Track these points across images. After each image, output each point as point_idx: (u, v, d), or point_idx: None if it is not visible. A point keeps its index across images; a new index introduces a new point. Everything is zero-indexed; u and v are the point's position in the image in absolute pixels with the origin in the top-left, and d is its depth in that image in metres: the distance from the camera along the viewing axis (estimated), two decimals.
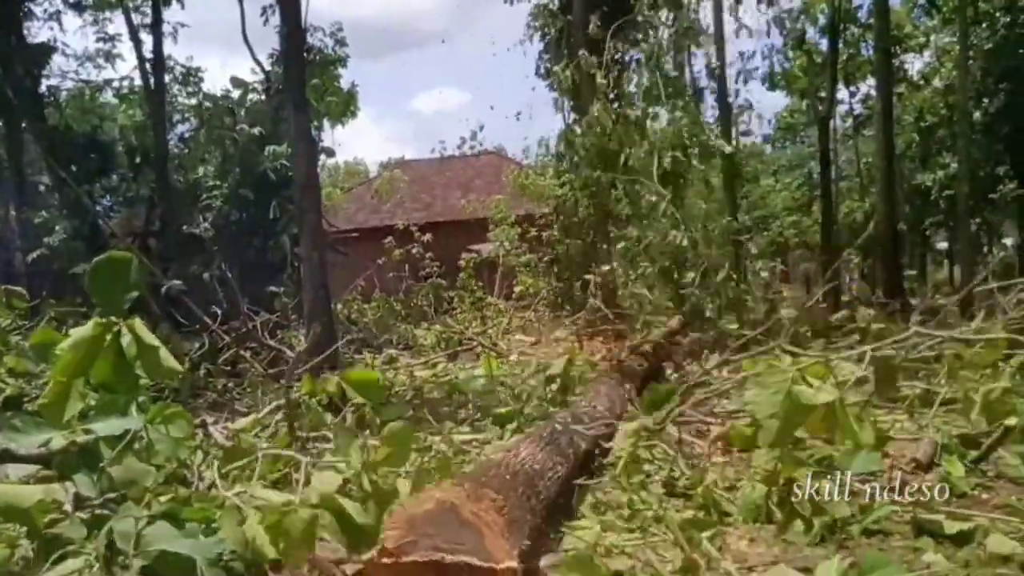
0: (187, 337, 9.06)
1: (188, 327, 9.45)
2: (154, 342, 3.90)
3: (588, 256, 14.41)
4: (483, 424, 6.06)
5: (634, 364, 7.97)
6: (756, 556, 3.50)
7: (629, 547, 3.59)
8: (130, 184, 14.13)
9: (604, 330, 11.77)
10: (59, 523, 3.50)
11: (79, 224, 9.68)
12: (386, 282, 16.28)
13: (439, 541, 2.81)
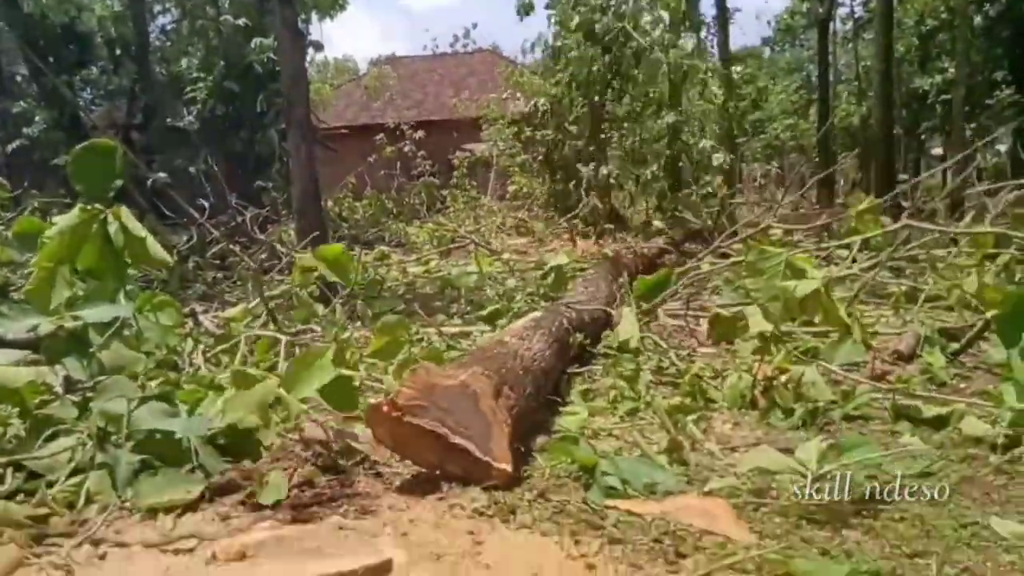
0: (175, 230, 9.01)
1: (175, 220, 9.37)
2: (141, 231, 3.85)
3: (582, 156, 14.28)
4: (474, 318, 6.08)
5: (628, 260, 8.00)
6: (739, 438, 3.57)
7: (616, 430, 3.65)
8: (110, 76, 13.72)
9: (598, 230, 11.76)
10: (50, 404, 3.52)
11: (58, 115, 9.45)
12: (377, 180, 16.11)
13: (449, 419, 2.86)
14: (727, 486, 2.90)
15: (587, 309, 4.91)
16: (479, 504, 2.69)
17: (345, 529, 2.44)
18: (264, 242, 9.13)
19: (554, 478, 3.00)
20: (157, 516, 2.75)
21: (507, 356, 3.43)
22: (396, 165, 16.06)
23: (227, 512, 2.77)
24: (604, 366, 4.62)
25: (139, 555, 2.47)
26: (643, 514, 2.65)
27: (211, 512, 2.79)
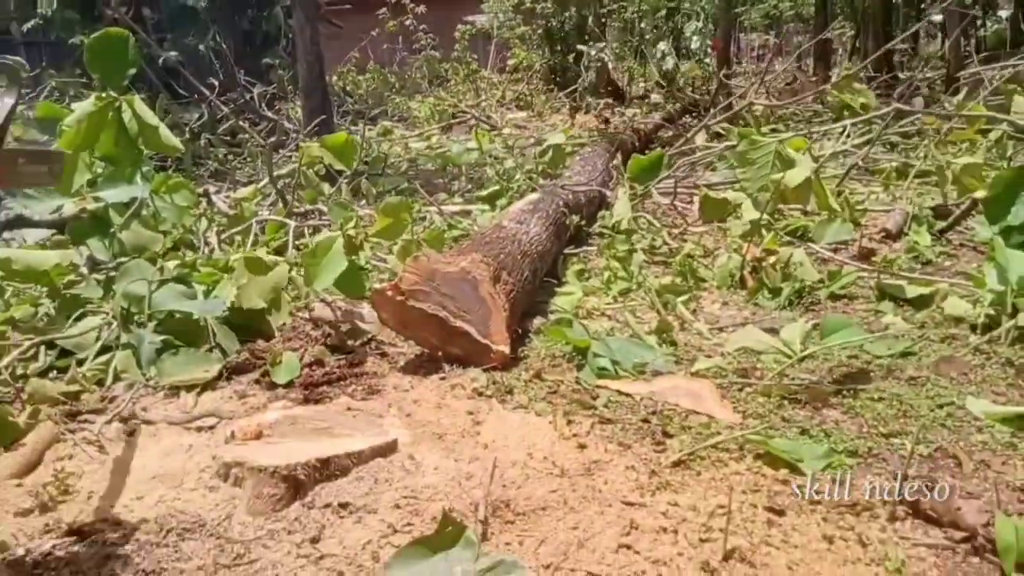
0: (186, 108, 8.79)
1: (186, 98, 9.13)
2: (153, 120, 3.79)
3: (582, 29, 13.75)
4: (474, 197, 6.01)
5: (624, 136, 7.83)
6: (727, 318, 3.59)
7: (609, 310, 3.67)
8: None
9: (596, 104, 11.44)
10: (76, 285, 3.54)
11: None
12: (380, 54, 15.57)
13: (450, 304, 2.87)
14: (713, 366, 2.94)
15: (583, 190, 4.84)
16: (478, 384, 2.74)
17: (353, 409, 2.48)
18: (272, 119, 8.92)
19: (549, 358, 3.04)
20: (179, 394, 2.82)
21: (505, 241, 3.40)
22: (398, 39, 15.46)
23: (244, 391, 2.83)
24: (599, 246, 4.59)
25: (164, 432, 2.54)
26: (632, 394, 2.70)
27: (229, 390, 2.86)
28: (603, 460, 2.20)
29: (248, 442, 2.25)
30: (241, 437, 2.30)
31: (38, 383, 2.83)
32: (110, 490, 2.18)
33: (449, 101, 12.11)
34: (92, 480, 2.25)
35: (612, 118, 10.31)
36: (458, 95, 13.63)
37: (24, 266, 3.19)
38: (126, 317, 3.12)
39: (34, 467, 2.35)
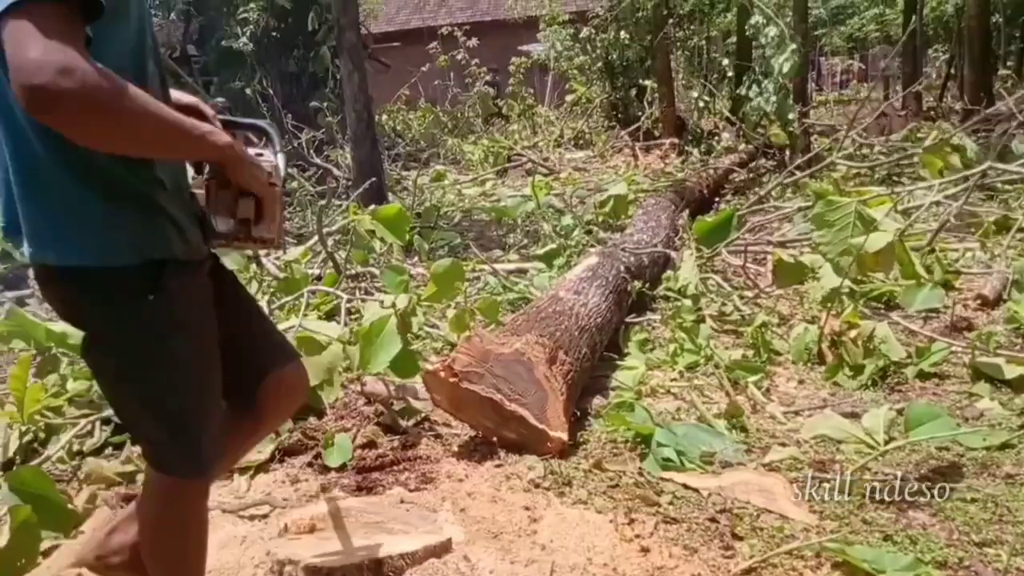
0: None
1: None
2: None
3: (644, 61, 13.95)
4: (531, 255, 6.16)
5: (692, 183, 7.92)
6: (804, 399, 3.62)
7: (675, 387, 3.73)
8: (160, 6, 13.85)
9: (661, 143, 11.58)
10: None
11: None
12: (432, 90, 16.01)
13: (505, 387, 2.99)
14: (788, 457, 2.98)
15: (645, 252, 4.93)
16: (535, 474, 2.83)
17: (406, 502, 2.59)
18: (321, 167, 9.25)
19: (610, 444, 3.12)
20: (232, 476, 2.97)
21: (562, 316, 3.51)
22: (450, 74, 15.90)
23: (296, 475, 2.98)
24: (663, 313, 4.67)
25: (218, 520, 2.68)
26: (699, 488, 2.76)
27: (282, 473, 3.00)
28: (667, 567, 2.26)
29: (301, 536, 2.38)
30: (294, 531, 2.42)
31: (94, 463, 3.03)
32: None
33: (504, 143, 12.35)
34: None
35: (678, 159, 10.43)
36: (514, 134, 13.91)
37: (76, 342, 3.39)
38: None
39: None
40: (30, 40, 1.26)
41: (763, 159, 9.68)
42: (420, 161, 12.49)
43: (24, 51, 1.26)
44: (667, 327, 4.34)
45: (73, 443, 3.24)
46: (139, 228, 1.53)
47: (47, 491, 2.55)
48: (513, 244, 6.64)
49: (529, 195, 7.51)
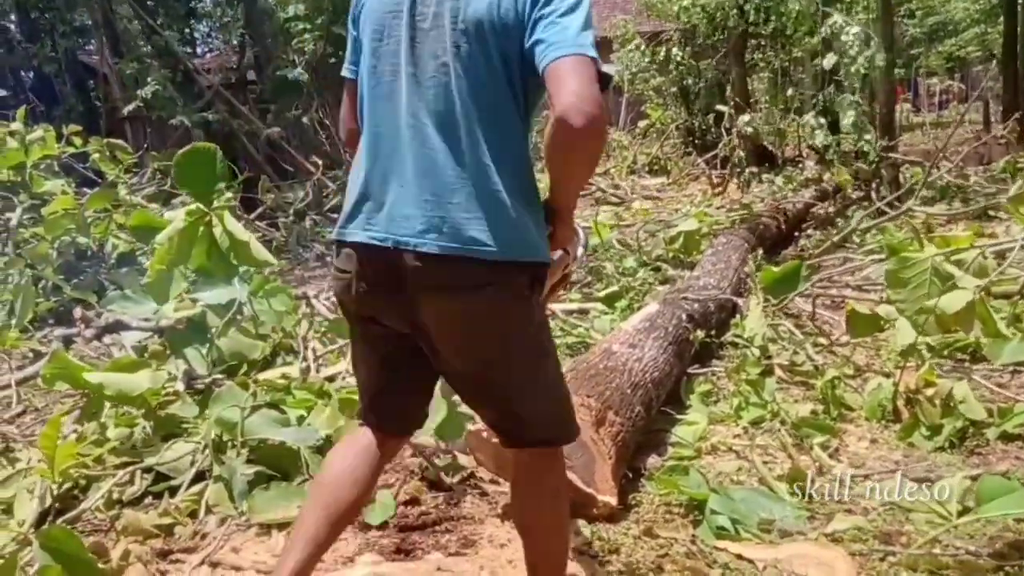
0: (291, 187, 9.46)
1: (292, 175, 9.82)
2: (244, 235, 4.21)
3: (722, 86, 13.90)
4: (594, 291, 6.18)
5: (768, 219, 7.85)
6: (874, 460, 3.56)
7: (737, 445, 3.71)
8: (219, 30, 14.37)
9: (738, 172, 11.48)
10: (171, 404, 3.91)
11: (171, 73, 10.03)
12: None
13: None
14: (852, 527, 2.94)
15: (711, 299, 4.92)
16: (580, 541, 2.85)
17: (443, 570, 2.64)
18: None
19: (663, 508, 3.12)
20: (271, 531, 3.07)
21: (613, 373, 3.52)
22: None
23: None
24: (728, 364, 4.64)
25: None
26: (755, 560, 2.74)
27: None
28: None
29: None
30: None
31: (131, 516, 3.15)
32: None
33: None
34: None
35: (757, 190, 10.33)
36: None
37: (117, 391, 3.55)
38: (219, 446, 3.43)
39: None
40: (590, 79, 1.73)
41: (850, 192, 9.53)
42: None
43: (589, 87, 1.71)
44: (731, 379, 4.31)
45: (113, 492, 3.37)
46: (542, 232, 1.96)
47: (77, 551, 2.64)
48: (576, 281, 6.67)
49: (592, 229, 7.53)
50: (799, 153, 13.16)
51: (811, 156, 12.15)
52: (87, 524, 3.28)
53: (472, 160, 1.85)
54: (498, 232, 1.84)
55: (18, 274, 5.84)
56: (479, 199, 1.84)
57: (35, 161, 7.04)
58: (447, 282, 1.87)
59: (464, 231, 1.84)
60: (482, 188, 1.85)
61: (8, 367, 5.02)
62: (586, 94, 1.69)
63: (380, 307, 2.02)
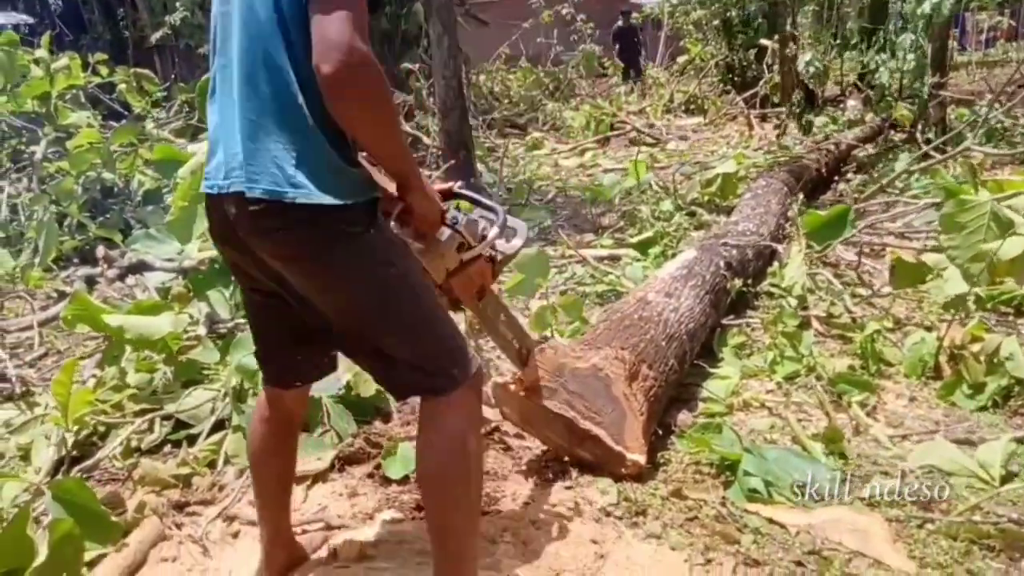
0: None
1: None
2: None
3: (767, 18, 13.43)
4: (627, 236, 6.04)
5: (810, 161, 7.61)
6: (913, 420, 3.43)
7: (771, 401, 3.60)
8: None
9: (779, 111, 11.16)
10: (192, 350, 3.86)
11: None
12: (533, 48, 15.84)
13: (579, 403, 2.93)
14: (889, 491, 2.83)
15: (750, 245, 4.75)
16: (608, 500, 2.78)
17: None
18: (411, 135, 9.29)
19: (694, 467, 3.03)
20: None
21: (648, 323, 3.40)
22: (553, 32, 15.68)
23: (355, 487, 3.00)
24: (766, 312, 4.50)
25: None
26: (787, 525, 2.66)
27: (340, 484, 3.03)
28: None
29: (350, 565, 2.40)
30: (343, 557, 2.45)
31: (149, 465, 3.11)
32: None
33: (607, 109, 12.14)
34: None
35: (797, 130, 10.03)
36: (619, 97, 13.66)
37: (137, 335, 3.48)
38: (239, 395, 3.38)
39: (138, 568, 2.60)
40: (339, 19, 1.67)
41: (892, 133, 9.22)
42: (517, 127, 12.41)
43: (341, 37, 1.66)
44: (767, 331, 4.18)
45: (131, 440, 3.34)
46: (358, 174, 1.87)
47: (89, 502, 2.62)
48: (608, 226, 6.53)
49: (628, 171, 7.36)
50: (841, 92, 12.75)
51: (853, 95, 11.77)
52: (104, 472, 3.26)
53: (260, 105, 1.81)
54: (296, 174, 1.78)
55: (42, 210, 5.78)
56: (276, 144, 1.80)
57: (60, 91, 6.95)
58: (260, 225, 1.84)
59: (262, 175, 1.79)
60: (276, 132, 1.80)
61: (30, 307, 4.99)
62: (331, 36, 1.67)
63: (236, 258, 2.02)
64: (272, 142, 1.79)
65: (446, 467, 1.97)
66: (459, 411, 1.98)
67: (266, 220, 1.81)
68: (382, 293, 1.89)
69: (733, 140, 10.81)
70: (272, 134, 1.79)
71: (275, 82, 1.79)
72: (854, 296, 4.67)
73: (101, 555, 2.62)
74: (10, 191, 6.57)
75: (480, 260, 2.24)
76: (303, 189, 1.77)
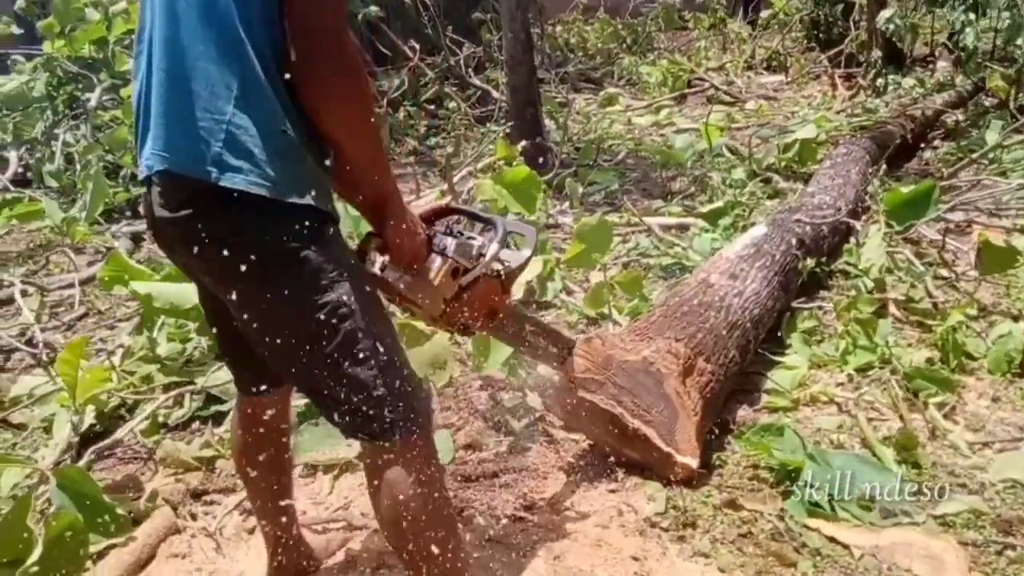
0: (387, 73, 9.06)
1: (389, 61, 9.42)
2: None
3: None
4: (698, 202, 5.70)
5: (895, 127, 7.10)
6: (996, 424, 3.08)
7: (840, 396, 3.30)
8: None
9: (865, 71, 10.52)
10: None
11: None
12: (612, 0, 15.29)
13: (628, 399, 2.70)
14: (966, 510, 2.54)
15: (826, 221, 4.38)
16: (654, 509, 2.55)
17: (493, 540, 2.38)
18: (480, 88, 9.01)
19: (751, 471, 2.77)
20: (316, 473, 2.86)
21: (709, 309, 3.11)
22: None
23: None
24: (841, 294, 4.15)
25: None
26: (851, 546, 2.39)
27: None
28: None
29: (366, 574, 2.22)
30: (360, 566, 2.28)
31: (170, 446, 2.96)
32: None
33: (685, 65, 11.63)
34: None
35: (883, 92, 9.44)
36: (699, 52, 13.09)
37: (167, 302, 3.31)
38: None
39: (145, 564, 2.45)
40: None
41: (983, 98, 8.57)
42: (592, 81, 11.98)
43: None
44: (840, 318, 3.84)
45: (159, 415, 3.21)
46: (319, 177, 1.60)
47: (94, 494, 2.48)
48: (679, 191, 6.19)
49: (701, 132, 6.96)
50: (931, 52, 11.98)
51: (943, 56, 11.03)
52: (128, 450, 3.13)
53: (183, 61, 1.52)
54: (225, 156, 1.49)
55: (94, 160, 5.63)
56: (204, 113, 1.50)
57: (118, 36, 6.76)
58: (171, 206, 1.56)
59: (184, 152, 1.51)
60: (205, 97, 1.50)
61: (72, 264, 4.85)
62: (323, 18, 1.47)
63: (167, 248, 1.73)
64: (200, 110, 1.50)
65: (394, 522, 1.71)
66: (398, 463, 1.69)
67: (178, 199, 1.55)
68: (312, 325, 1.60)
69: (815, 100, 10.21)
70: (200, 100, 1.50)
71: (228, 55, 1.51)
72: (937, 279, 4.29)
73: (111, 546, 2.49)
74: (66, 139, 6.46)
75: (482, 281, 2.02)
76: (235, 172, 1.50)
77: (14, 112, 6.86)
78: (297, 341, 1.61)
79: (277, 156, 1.52)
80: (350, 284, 1.63)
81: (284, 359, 1.67)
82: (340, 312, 1.61)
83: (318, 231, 1.58)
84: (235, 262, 1.53)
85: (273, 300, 1.57)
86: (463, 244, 1.98)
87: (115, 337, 3.95)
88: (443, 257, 1.93)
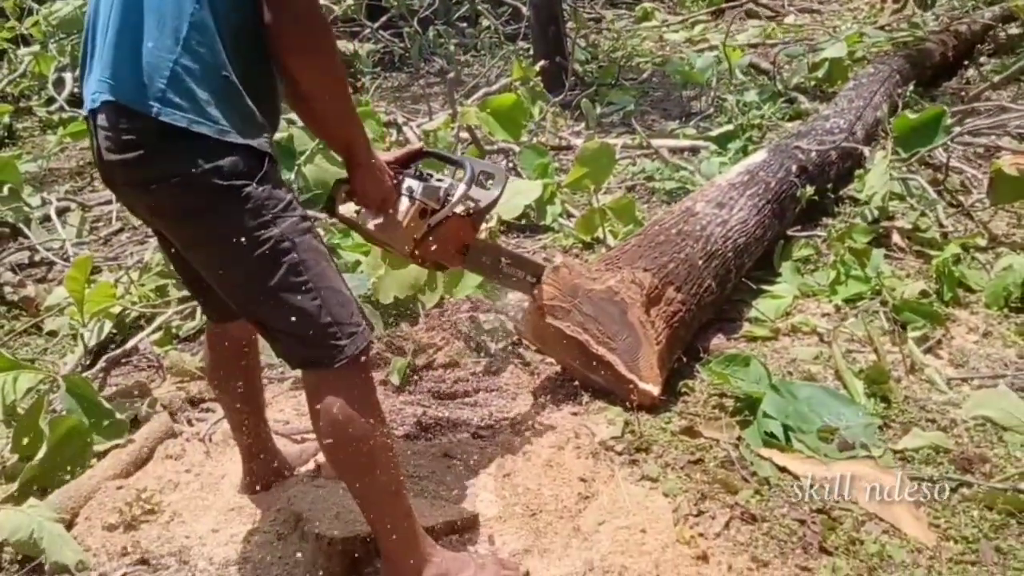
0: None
1: None
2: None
3: None
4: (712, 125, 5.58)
5: (933, 44, 6.82)
6: (980, 359, 3.05)
7: (823, 326, 3.27)
8: None
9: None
10: None
11: None
12: None
13: (593, 327, 2.73)
14: (928, 445, 2.53)
15: (834, 147, 4.26)
16: (611, 432, 2.59)
17: (452, 458, 2.45)
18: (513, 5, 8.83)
19: (716, 398, 2.79)
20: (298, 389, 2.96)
21: (686, 239, 3.08)
22: None
23: None
24: (841, 223, 4.07)
25: None
26: (800, 476, 2.41)
27: None
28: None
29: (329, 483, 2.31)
30: (327, 475, 2.37)
31: (176, 357, 3.11)
32: (192, 514, 2.35)
33: None
34: (182, 495, 2.44)
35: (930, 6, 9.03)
36: None
37: None
38: None
39: (143, 464, 2.60)
40: None
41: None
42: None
43: None
44: (832, 248, 3.77)
45: (172, 327, 3.36)
46: (258, 119, 1.68)
47: (93, 398, 2.63)
48: (698, 112, 6.07)
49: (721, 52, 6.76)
50: None
51: None
52: (143, 359, 3.29)
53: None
54: (168, 93, 1.56)
55: None
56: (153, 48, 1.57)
57: None
58: (117, 144, 1.62)
59: (129, 82, 1.57)
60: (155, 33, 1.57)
61: None
62: None
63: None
64: (148, 46, 1.57)
65: (336, 447, 1.78)
66: (340, 388, 1.75)
67: (124, 141, 1.61)
68: (257, 258, 1.66)
69: (862, 14, 9.83)
70: (151, 35, 1.57)
71: None
72: (950, 206, 4.19)
73: (115, 446, 2.64)
74: None
75: (452, 220, 2.17)
76: (175, 110, 1.56)
77: (71, 35, 7.07)
78: (243, 274, 1.70)
79: (218, 98, 1.59)
80: (291, 219, 1.70)
81: (231, 292, 1.76)
82: (282, 246, 1.68)
83: (258, 169, 1.65)
84: (181, 200, 1.63)
85: (219, 236, 1.65)
86: (430, 186, 2.11)
87: (145, 252, 4.14)
88: (411, 199, 2.08)
